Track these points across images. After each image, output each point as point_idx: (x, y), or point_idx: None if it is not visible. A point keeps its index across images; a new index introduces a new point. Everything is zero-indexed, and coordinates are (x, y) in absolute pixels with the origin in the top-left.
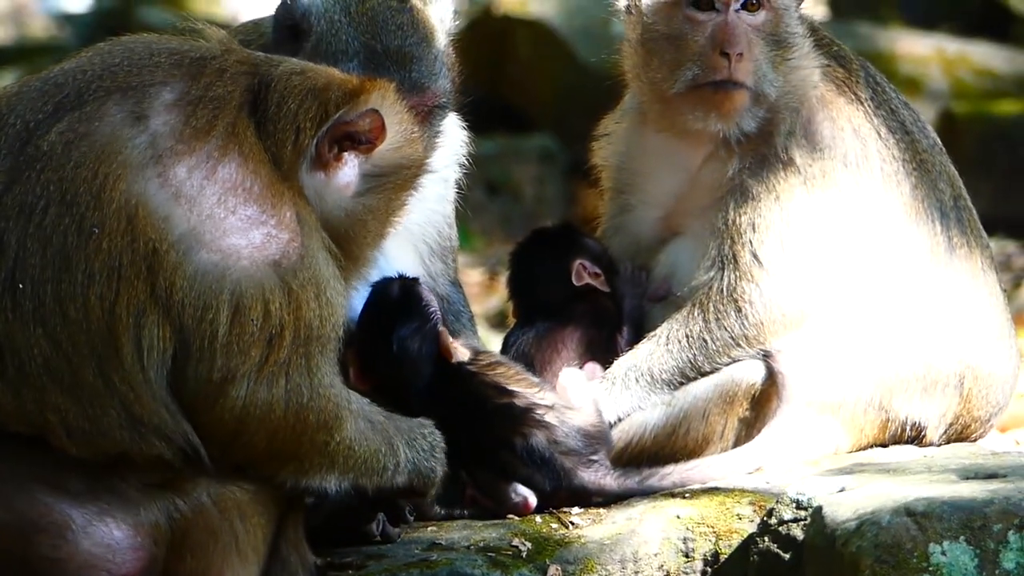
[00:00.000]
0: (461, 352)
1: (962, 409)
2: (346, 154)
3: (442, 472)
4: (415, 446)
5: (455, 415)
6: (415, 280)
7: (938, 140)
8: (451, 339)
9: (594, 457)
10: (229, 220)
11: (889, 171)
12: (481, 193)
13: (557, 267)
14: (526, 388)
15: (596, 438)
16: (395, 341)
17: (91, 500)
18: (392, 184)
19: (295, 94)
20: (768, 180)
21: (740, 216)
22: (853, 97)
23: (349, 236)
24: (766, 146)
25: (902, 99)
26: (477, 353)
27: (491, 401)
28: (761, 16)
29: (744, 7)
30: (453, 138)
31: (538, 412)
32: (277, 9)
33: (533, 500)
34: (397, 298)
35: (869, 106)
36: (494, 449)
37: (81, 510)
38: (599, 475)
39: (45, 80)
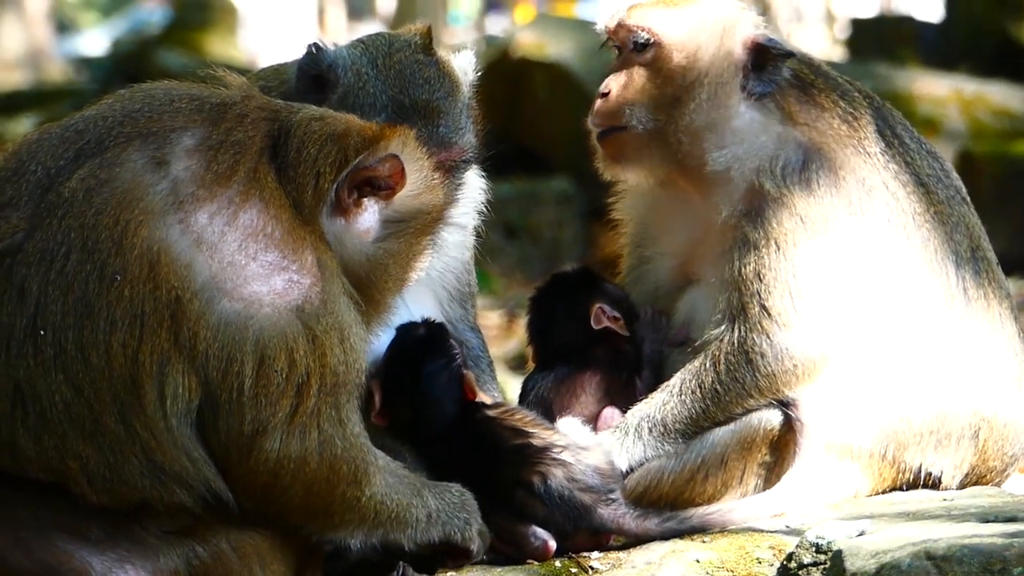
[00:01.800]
0: (483, 397)
1: (977, 460)
2: (366, 200)
3: (478, 526)
4: (444, 499)
5: (472, 457)
6: (441, 324)
7: (961, 189)
8: (474, 382)
9: (612, 495)
10: (250, 267)
11: (898, 224)
12: (499, 236)
13: (576, 311)
14: (543, 431)
15: (611, 476)
16: (421, 377)
17: (111, 547)
18: (412, 230)
19: (315, 140)
20: (765, 228)
21: (745, 266)
22: (860, 151)
23: (369, 281)
24: (753, 191)
25: (927, 148)
26: (494, 402)
27: (509, 441)
28: (649, 53)
29: (634, 47)
30: (472, 185)
31: (555, 451)
32: (302, 58)
33: (553, 544)
34: (424, 337)
35: (878, 159)
36: (511, 490)
37: (101, 557)
38: (618, 514)
39: (65, 127)
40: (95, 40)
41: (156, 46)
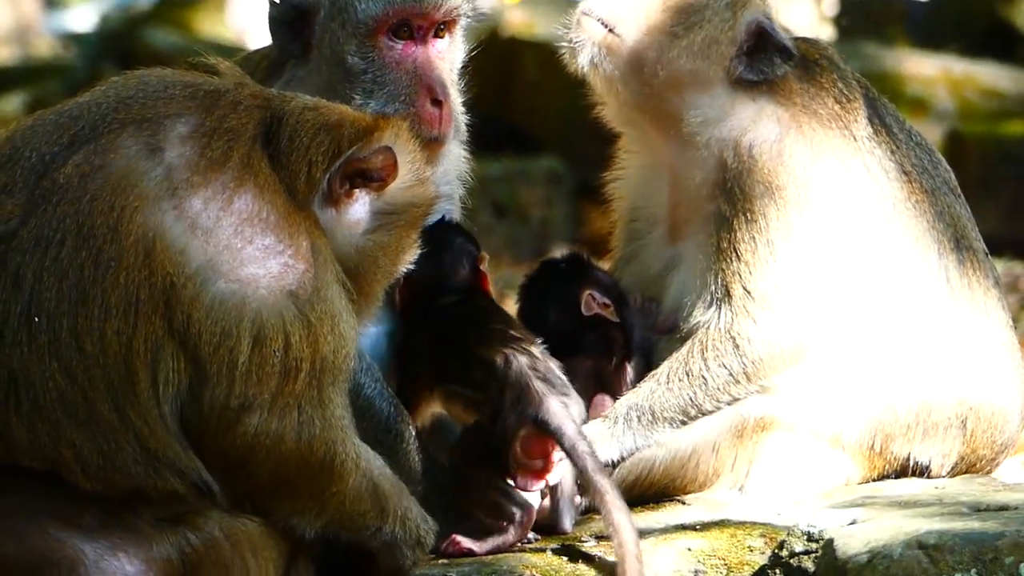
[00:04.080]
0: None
1: (966, 449)
2: (357, 191)
3: (412, 564)
4: (407, 526)
5: (453, 332)
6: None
7: (949, 181)
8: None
9: (567, 395)
10: (246, 250)
11: (877, 208)
12: (488, 215)
13: (566, 297)
14: (528, 337)
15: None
16: (441, 242)
17: (103, 535)
18: (402, 222)
19: (308, 129)
20: (734, 199)
21: (721, 240)
22: (847, 133)
23: (359, 272)
24: (723, 163)
25: (916, 140)
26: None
27: (491, 324)
28: None
29: None
30: (454, 154)
31: (526, 344)
32: (271, 11)
33: (531, 515)
34: (454, 224)
35: (864, 144)
36: (472, 366)
37: (93, 545)
38: (566, 416)
39: (60, 113)
40: (83, 15)
41: (145, 23)
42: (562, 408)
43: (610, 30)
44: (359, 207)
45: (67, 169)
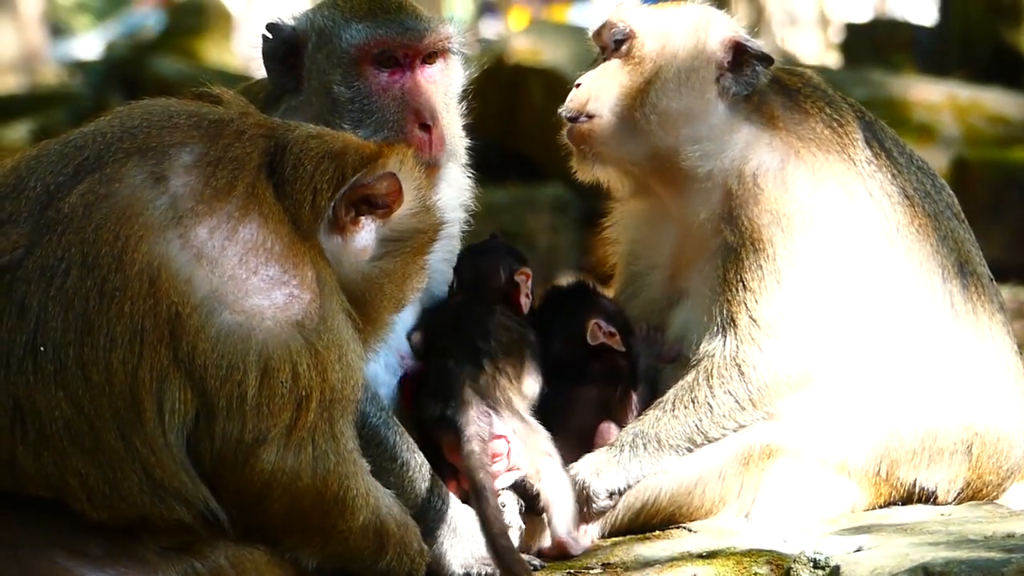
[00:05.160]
0: (524, 301)
1: (972, 475)
2: (363, 218)
3: None
4: (403, 560)
5: (466, 327)
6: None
7: (953, 205)
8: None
9: (498, 441)
10: (251, 281)
11: (880, 232)
12: None
13: (572, 326)
14: (531, 371)
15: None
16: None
17: (109, 564)
18: (408, 249)
19: (312, 157)
20: (741, 229)
21: (728, 271)
22: (845, 157)
23: (366, 299)
24: (729, 193)
25: (917, 164)
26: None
27: (497, 337)
28: (624, 47)
29: (614, 46)
30: (458, 183)
31: (505, 374)
32: (263, 47)
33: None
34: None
35: (863, 168)
36: (461, 356)
37: (100, 574)
38: (481, 464)
39: (64, 143)
40: (89, 44)
41: (151, 51)
42: (477, 452)
43: (588, 117)
44: (365, 234)
45: (72, 198)
